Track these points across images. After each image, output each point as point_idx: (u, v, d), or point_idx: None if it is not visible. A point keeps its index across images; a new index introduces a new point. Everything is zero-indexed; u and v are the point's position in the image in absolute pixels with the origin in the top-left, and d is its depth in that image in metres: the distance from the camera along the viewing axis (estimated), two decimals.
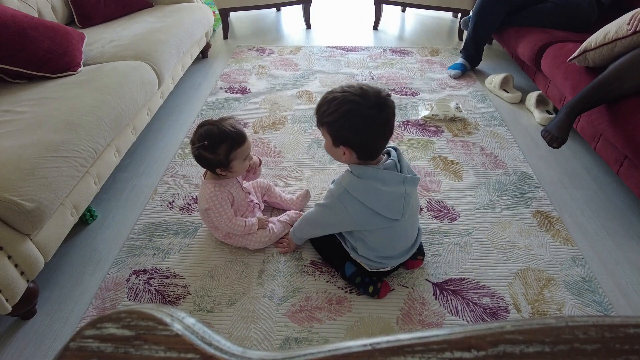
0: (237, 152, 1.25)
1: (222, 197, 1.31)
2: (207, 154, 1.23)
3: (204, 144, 1.21)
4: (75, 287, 1.33)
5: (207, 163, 1.26)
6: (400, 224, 1.14)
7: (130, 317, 0.24)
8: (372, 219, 1.10)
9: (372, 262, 1.22)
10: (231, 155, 1.25)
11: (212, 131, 1.23)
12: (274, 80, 2.55)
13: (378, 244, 1.17)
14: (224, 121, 1.25)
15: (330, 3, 4.03)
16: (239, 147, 1.25)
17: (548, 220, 1.53)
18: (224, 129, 1.23)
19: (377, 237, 1.15)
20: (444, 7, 3.02)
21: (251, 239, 1.39)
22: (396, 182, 1.08)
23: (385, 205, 1.08)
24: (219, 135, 1.22)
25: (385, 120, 1.01)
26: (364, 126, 1.00)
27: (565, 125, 1.56)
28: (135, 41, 1.97)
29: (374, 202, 1.07)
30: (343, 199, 1.10)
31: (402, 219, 1.11)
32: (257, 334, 1.19)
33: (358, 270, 1.26)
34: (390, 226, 1.13)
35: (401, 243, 1.20)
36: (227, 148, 1.23)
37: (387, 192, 1.07)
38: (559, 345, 0.22)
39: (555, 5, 2.14)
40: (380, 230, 1.13)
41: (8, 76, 1.62)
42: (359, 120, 1.00)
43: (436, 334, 0.22)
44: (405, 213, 1.11)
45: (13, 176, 1.12)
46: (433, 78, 2.56)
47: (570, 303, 1.25)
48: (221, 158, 1.24)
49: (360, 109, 0.99)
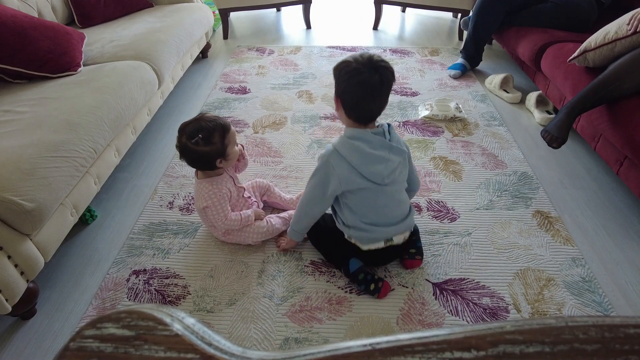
0: (229, 137, 1.28)
1: (220, 194, 1.31)
2: (205, 147, 1.24)
3: (200, 137, 1.22)
4: (75, 287, 1.33)
5: (206, 157, 1.27)
6: (384, 192, 1.19)
7: (130, 317, 0.24)
8: (355, 179, 1.16)
9: (361, 232, 1.23)
10: (225, 141, 1.27)
11: (200, 125, 1.24)
12: (274, 80, 2.55)
13: (361, 208, 1.21)
14: (201, 117, 1.27)
15: (330, 3, 4.03)
16: (228, 131, 1.28)
17: (548, 220, 1.53)
18: (208, 120, 1.25)
19: (360, 199, 1.20)
20: (444, 7, 3.02)
21: (249, 231, 1.40)
22: (381, 146, 1.15)
23: (368, 167, 1.15)
24: (208, 126, 1.24)
25: (379, 82, 1.09)
26: (358, 82, 1.09)
27: (565, 125, 1.56)
28: (135, 41, 1.97)
29: (358, 162, 1.14)
30: (331, 158, 1.17)
31: (384, 185, 1.18)
32: (257, 334, 1.19)
33: (363, 267, 1.28)
34: (373, 191, 1.18)
35: (385, 211, 1.22)
36: (220, 135, 1.25)
37: (371, 155, 1.14)
38: (559, 345, 0.22)
39: (555, 5, 2.14)
40: (363, 192, 1.19)
41: (8, 76, 1.62)
42: (355, 78, 1.09)
43: (436, 334, 0.22)
44: (387, 178, 1.17)
45: (13, 176, 1.12)
46: (433, 78, 2.56)
47: (570, 303, 1.25)
48: (219, 146, 1.25)
49: (359, 68, 1.09)
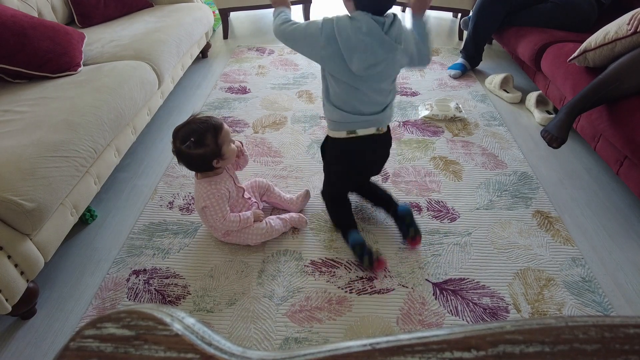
0: (222, 136, 1.27)
1: (219, 195, 1.31)
2: (199, 150, 1.23)
3: (192, 141, 1.21)
4: (75, 287, 1.33)
5: (202, 159, 1.26)
6: (362, 87, 1.20)
7: (130, 317, 0.24)
8: (336, 62, 1.16)
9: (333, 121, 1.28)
10: (219, 141, 1.26)
11: (192, 128, 1.23)
12: (274, 80, 2.55)
13: (336, 94, 1.24)
14: (192, 119, 1.26)
15: (330, 3, 4.03)
16: (221, 130, 1.27)
17: (548, 220, 1.53)
18: (199, 122, 1.25)
19: (341, 89, 1.22)
20: (444, 7, 3.01)
21: (249, 232, 1.40)
22: (373, 34, 1.12)
23: (353, 52, 1.13)
24: (199, 128, 1.23)
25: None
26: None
27: (565, 125, 1.56)
28: (135, 41, 1.97)
29: (346, 43, 1.13)
30: (326, 23, 1.16)
31: (363, 79, 1.18)
32: (257, 334, 1.19)
33: (361, 243, 1.36)
34: (350, 82, 1.19)
35: (360, 106, 1.24)
36: (213, 135, 1.25)
37: (360, 40, 1.12)
38: (558, 345, 0.22)
39: (555, 5, 2.14)
40: (340, 82, 1.21)
41: (8, 76, 1.61)
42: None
43: (436, 334, 0.22)
44: (366, 70, 1.15)
45: (13, 176, 1.12)
46: (433, 78, 2.56)
47: (570, 303, 1.25)
48: (213, 147, 1.25)
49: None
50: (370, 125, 1.28)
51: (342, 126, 1.29)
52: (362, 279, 1.33)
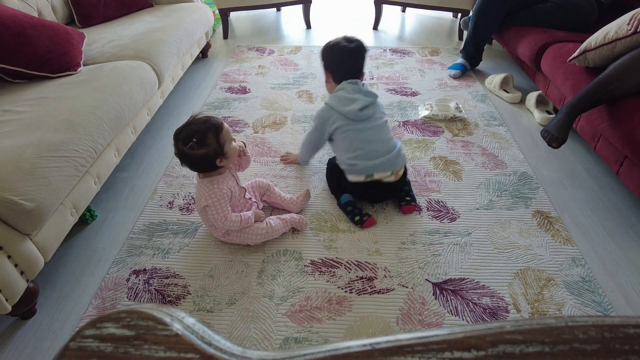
0: (223, 134, 1.27)
1: (220, 194, 1.31)
2: (202, 150, 1.23)
3: (194, 141, 1.21)
4: (75, 287, 1.33)
5: (205, 159, 1.26)
6: (362, 129, 1.49)
7: (130, 317, 0.24)
8: (334, 117, 1.51)
9: (348, 167, 1.51)
10: (220, 140, 1.26)
11: (193, 129, 1.23)
12: (274, 80, 2.55)
13: (347, 144, 1.50)
14: (192, 120, 1.26)
15: (330, 3, 4.03)
16: (222, 129, 1.27)
17: (548, 220, 1.53)
18: (199, 123, 1.25)
19: (345, 137, 1.50)
20: (444, 7, 3.02)
21: (249, 232, 1.40)
22: (354, 91, 1.50)
23: (345, 107, 1.48)
24: (200, 128, 1.23)
25: (355, 47, 1.50)
26: (338, 49, 1.51)
27: (565, 125, 1.56)
28: (135, 41, 1.97)
29: (339, 105, 1.49)
30: (323, 111, 1.55)
31: (360, 121, 1.48)
32: (257, 334, 1.19)
33: (352, 202, 1.54)
34: (352, 127, 1.49)
35: (366, 147, 1.48)
36: (214, 135, 1.25)
37: (347, 97, 1.49)
38: (558, 345, 0.22)
39: (555, 5, 2.14)
40: (346, 130, 1.49)
41: (8, 76, 1.61)
42: (336, 48, 1.51)
43: (436, 334, 0.22)
44: (360, 114, 1.47)
45: (13, 176, 1.12)
46: (433, 78, 2.56)
47: (570, 303, 1.25)
48: (215, 146, 1.25)
49: (339, 42, 1.52)
50: (387, 169, 1.48)
51: (360, 172, 1.48)
52: (362, 279, 1.33)
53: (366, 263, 1.38)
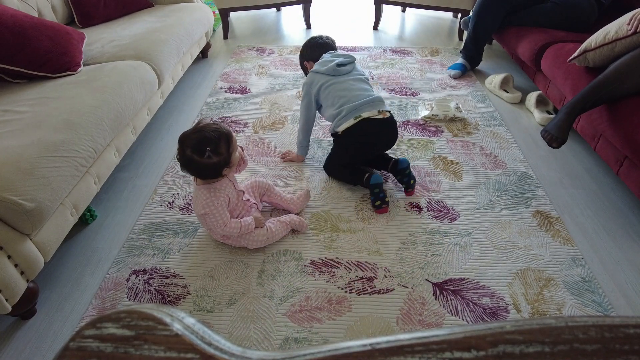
0: (232, 144, 1.27)
1: (218, 202, 1.30)
2: (213, 159, 1.21)
3: (209, 150, 1.19)
4: (75, 287, 1.33)
5: (214, 168, 1.25)
6: (343, 81, 1.64)
7: (130, 317, 0.24)
8: (317, 78, 1.66)
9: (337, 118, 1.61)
10: (230, 149, 1.26)
11: (205, 137, 1.21)
12: (274, 80, 2.55)
13: (332, 98, 1.63)
14: (203, 127, 1.24)
15: (330, 3, 4.03)
16: (232, 139, 1.27)
17: (548, 220, 1.53)
18: (211, 130, 1.23)
19: (330, 92, 1.63)
20: (444, 7, 3.02)
21: (249, 238, 1.39)
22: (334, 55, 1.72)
23: (325, 65, 1.66)
24: (213, 137, 1.21)
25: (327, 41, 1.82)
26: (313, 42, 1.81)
27: (565, 125, 1.56)
28: (135, 41, 1.97)
29: (320, 67, 1.67)
30: (308, 77, 1.70)
31: (341, 75, 1.65)
32: (257, 334, 1.19)
33: (380, 184, 1.56)
34: (335, 82, 1.63)
35: (348, 94, 1.61)
36: (225, 144, 1.25)
37: (327, 59, 1.70)
38: (558, 345, 0.21)
39: (555, 5, 2.14)
40: (330, 86, 1.63)
41: (8, 76, 1.61)
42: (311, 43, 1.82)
43: (436, 334, 0.22)
44: (341, 69, 1.65)
45: (13, 176, 1.12)
46: (433, 78, 2.56)
47: (570, 303, 1.25)
48: (225, 156, 1.25)
49: (313, 37, 1.82)
50: (372, 108, 1.59)
51: (347, 117, 1.58)
52: (362, 279, 1.33)
53: (366, 263, 1.38)
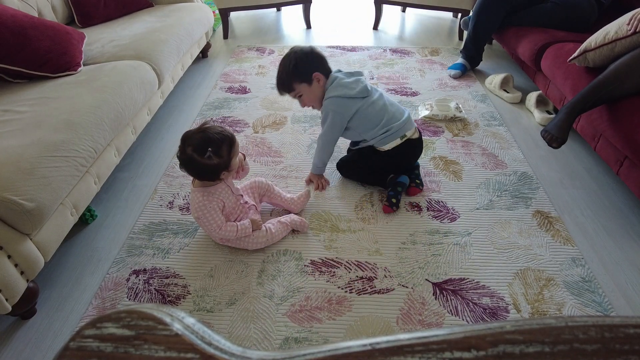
0: (234, 149, 1.27)
1: (210, 206, 1.30)
2: (213, 161, 1.21)
3: (210, 151, 1.19)
4: (75, 287, 1.33)
5: (212, 170, 1.24)
6: (374, 101, 1.56)
7: (130, 316, 0.24)
8: (351, 104, 1.54)
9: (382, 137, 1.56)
10: (231, 153, 1.26)
11: (208, 137, 1.21)
12: (274, 80, 2.52)
13: (370, 120, 1.56)
14: (207, 128, 1.23)
15: (330, 3, 4.03)
16: (234, 143, 1.27)
17: (548, 220, 1.53)
18: (214, 132, 1.22)
19: (364, 115, 1.55)
20: (444, 7, 3.02)
21: (248, 240, 1.39)
22: (346, 75, 1.59)
23: (354, 89, 1.54)
24: (216, 138, 1.21)
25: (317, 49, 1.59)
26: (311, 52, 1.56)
27: (565, 125, 1.56)
28: (135, 41, 1.97)
29: (348, 91, 1.53)
30: (336, 105, 1.54)
31: (370, 96, 1.56)
32: (257, 334, 1.19)
33: (403, 184, 1.59)
34: (366, 103, 1.55)
35: (386, 112, 1.56)
36: (228, 147, 1.24)
37: (348, 81, 1.55)
38: (558, 345, 0.21)
39: (555, 5, 2.14)
40: (362, 109, 1.55)
41: (8, 76, 1.62)
42: (309, 52, 1.56)
43: (436, 334, 0.22)
44: (368, 88, 1.57)
45: (13, 176, 1.12)
46: (433, 78, 2.56)
47: (570, 303, 1.25)
48: (226, 159, 1.24)
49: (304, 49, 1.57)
50: (411, 127, 1.59)
51: (394, 135, 1.55)
52: (362, 279, 1.33)
53: (366, 263, 1.38)
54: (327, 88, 1.56)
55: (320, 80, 1.55)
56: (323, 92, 1.57)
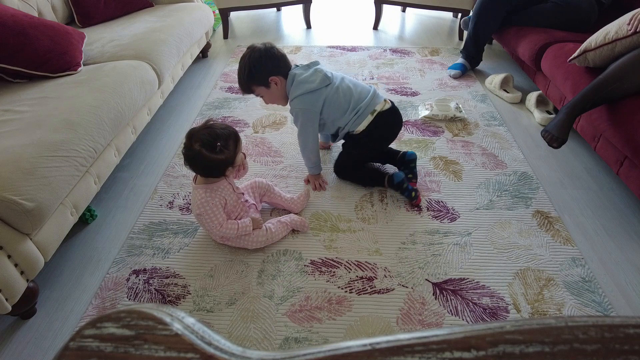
0: (239, 144, 1.29)
1: (213, 203, 1.30)
2: (221, 155, 1.22)
3: (220, 145, 1.21)
4: (75, 287, 1.33)
5: (219, 165, 1.25)
6: (337, 86, 1.55)
7: (130, 316, 0.24)
8: (316, 96, 1.53)
9: (355, 118, 1.56)
10: (237, 149, 1.28)
11: (216, 133, 1.22)
12: None
13: (339, 105, 1.55)
14: (212, 124, 1.25)
15: (330, 3, 4.03)
16: (239, 139, 1.29)
17: (548, 220, 1.53)
18: (220, 127, 1.24)
19: (332, 102, 1.55)
20: (444, 7, 3.02)
21: (248, 239, 1.39)
22: (301, 68, 1.57)
23: (314, 82, 1.52)
24: (223, 134, 1.23)
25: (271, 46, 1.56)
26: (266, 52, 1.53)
27: (566, 125, 1.56)
28: (135, 41, 1.97)
29: (309, 85, 1.51)
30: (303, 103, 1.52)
31: (332, 82, 1.55)
32: (257, 334, 1.19)
33: (405, 179, 1.60)
34: (331, 90, 1.54)
35: (352, 97, 1.56)
36: (234, 142, 1.26)
37: (306, 75, 1.53)
38: (558, 345, 0.21)
39: (555, 5, 2.14)
40: (328, 98, 1.54)
41: (8, 75, 1.61)
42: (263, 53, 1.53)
43: (436, 334, 0.22)
44: (328, 76, 1.55)
45: (13, 176, 1.12)
46: (433, 78, 2.56)
47: (570, 303, 1.25)
48: (232, 154, 1.26)
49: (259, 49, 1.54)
50: (379, 100, 1.59)
51: (364, 114, 1.55)
52: (362, 279, 1.33)
53: (366, 263, 1.38)
54: (289, 88, 1.54)
55: (277, 82, 1.53)
56: (284, 92, 1.56)
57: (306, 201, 1.60)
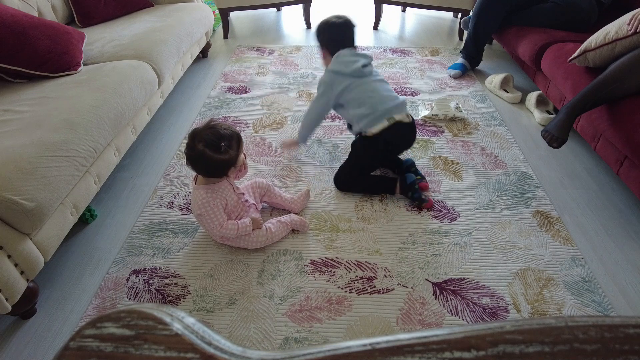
0: (241, 145, 1.30)
1: (214, 204, 1.30)
2: (224, 155, 1.23)
3: (225, 145, 1.21)
4: (75, 287, 1.33)
5: (222, 165, 1.26)
6: (368, 82, 1.61)
7: (130, 316, 0.24)
8: (340, 79, 1.60)
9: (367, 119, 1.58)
10: (239, 150, 1.28)
11: (219, 133, 1.23)
12: (274, 80, 2.55)
13: (358, 99, 1.59)
14: (215, 125, 1.25)
15: (330, 3, 4.03)
16: (241, 139, 1.30)
17: (548, 220, 1.53)
18: (223, 128, 1.25)
19: (355, 94, 1.60)
20: (444, 7, 3.01)
21: (248, 239, 1.39)
22: (352, 54, 1.65)
23: (348, 67, 1.60)
24: (226, 134, 1.24)
25: (343, 24, 1.70)
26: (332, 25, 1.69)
27: (566, 125, 1.56)
28: (135, 41, 1.97)
29: (342, 67, 1.60)
30: (328, 76, 1.63)
31: (364, 77, 1.61)
32: (257, 334, 1.19)
33: (415, 181, 1.61)
34: (359, 83, 1.60)
35: (376, 95, 1.59)
36: (237, 143, 1.27)
37: (348, 60, 1.62)
38: (558, 345, 0.22)
39: (555, 5, 2.14)
40: (354, 87, 1.60)
41: (8, 75, 1.61)
42: (328, 25, 1.69)
43: (436, 334, 0.22)
44: (363, 70, 1.60)
45: (13, 176, 1.12)
46: (433, 78, 2.56)
47: (570, 303, 1.25)
48: (235, 154, 1.26)
49: (330, 20, 1.71)
50: (402, 111, 1.60)
51: (380, 118, 1.56)
52: (362, 278, 1.33)
53: (366, 263, 1.38)
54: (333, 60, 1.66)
55: (325, 57, 1.70)
56: (328, 62, 1.68)
57: (306, 201, 1.60)
